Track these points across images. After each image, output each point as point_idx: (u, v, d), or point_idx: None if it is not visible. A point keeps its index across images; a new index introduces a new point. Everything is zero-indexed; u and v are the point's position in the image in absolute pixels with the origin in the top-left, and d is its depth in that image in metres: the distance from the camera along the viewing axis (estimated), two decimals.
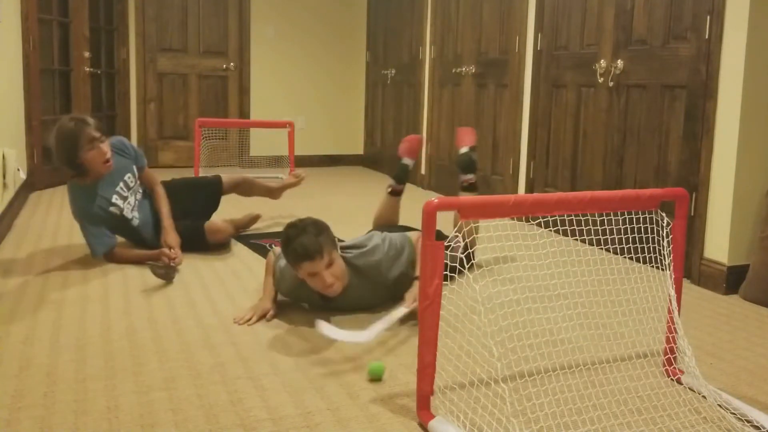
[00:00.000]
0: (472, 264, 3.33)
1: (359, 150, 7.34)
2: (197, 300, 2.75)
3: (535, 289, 2.99)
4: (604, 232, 3.64)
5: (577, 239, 3.92)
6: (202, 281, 3.01)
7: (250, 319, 2.50)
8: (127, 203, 3.29)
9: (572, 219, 3.89)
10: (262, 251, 3.53)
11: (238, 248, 3.61)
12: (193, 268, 3.21)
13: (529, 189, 4.46)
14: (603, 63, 3.77)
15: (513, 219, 4.26)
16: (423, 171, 5.87)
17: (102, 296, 2.76)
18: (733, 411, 1.87)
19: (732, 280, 3.05)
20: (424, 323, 1.76)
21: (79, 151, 3.05)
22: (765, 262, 2.93)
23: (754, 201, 3.07)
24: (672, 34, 3.36)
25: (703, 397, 1.94)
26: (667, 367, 2.13)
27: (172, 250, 3.16)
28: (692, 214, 3.22)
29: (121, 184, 3.26)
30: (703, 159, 3.16)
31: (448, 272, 2.08)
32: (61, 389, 1.93)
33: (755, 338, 2.53)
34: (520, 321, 2.59)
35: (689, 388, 2.05)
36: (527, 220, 4.36)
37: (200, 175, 5.59)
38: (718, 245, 3.10)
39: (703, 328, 2.62)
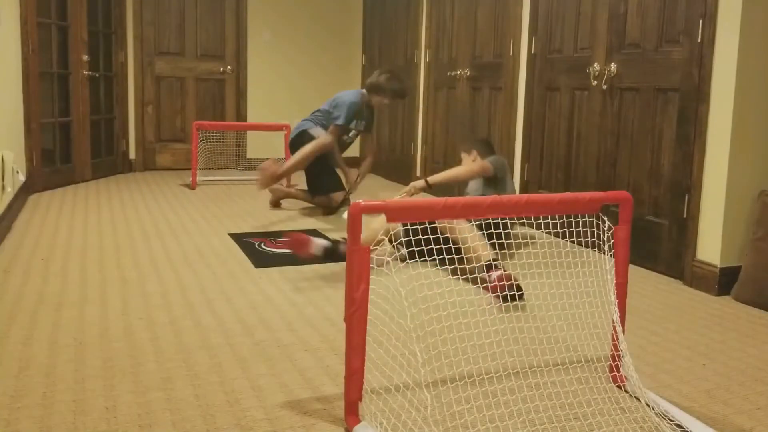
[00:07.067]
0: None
1: (355, 152, 7.35)
2: (195, 301, 2.77)
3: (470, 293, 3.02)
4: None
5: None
6: (200, 282, 3.03)
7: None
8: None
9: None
10: (251, 249, 3.65)
11: (234, 249, 3.63)
12: (191, 269, 3.23)
13: (524, 191, 4.49)
14: (596, 66, 3.80)
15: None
16: (418, 173, 5.90)
17: (100, 297, 2.78)
18: (670, 419, 1.83)
19: (724, 282, 3.07)
20: (351, 329, 1.73)
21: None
22: (757, 263, 2.96)
23: (747, 203, 3.10)
24: (665, 37, 3.39)
25: (648, 405, 1.90)
26: (614, 373, 2.09)
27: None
28: (685, 216, 3.26)
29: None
30: (695, 161, 3.19)
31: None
32: (59, 389, 1.95)
33: (747, 339, 2.55)
34: (455, 324, 2.54)
35: (634, 396, 2.01)
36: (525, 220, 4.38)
37: (198, 178, 5.62)
38: (711, 247, 3.13)
39: (695, 329, 2.64)
